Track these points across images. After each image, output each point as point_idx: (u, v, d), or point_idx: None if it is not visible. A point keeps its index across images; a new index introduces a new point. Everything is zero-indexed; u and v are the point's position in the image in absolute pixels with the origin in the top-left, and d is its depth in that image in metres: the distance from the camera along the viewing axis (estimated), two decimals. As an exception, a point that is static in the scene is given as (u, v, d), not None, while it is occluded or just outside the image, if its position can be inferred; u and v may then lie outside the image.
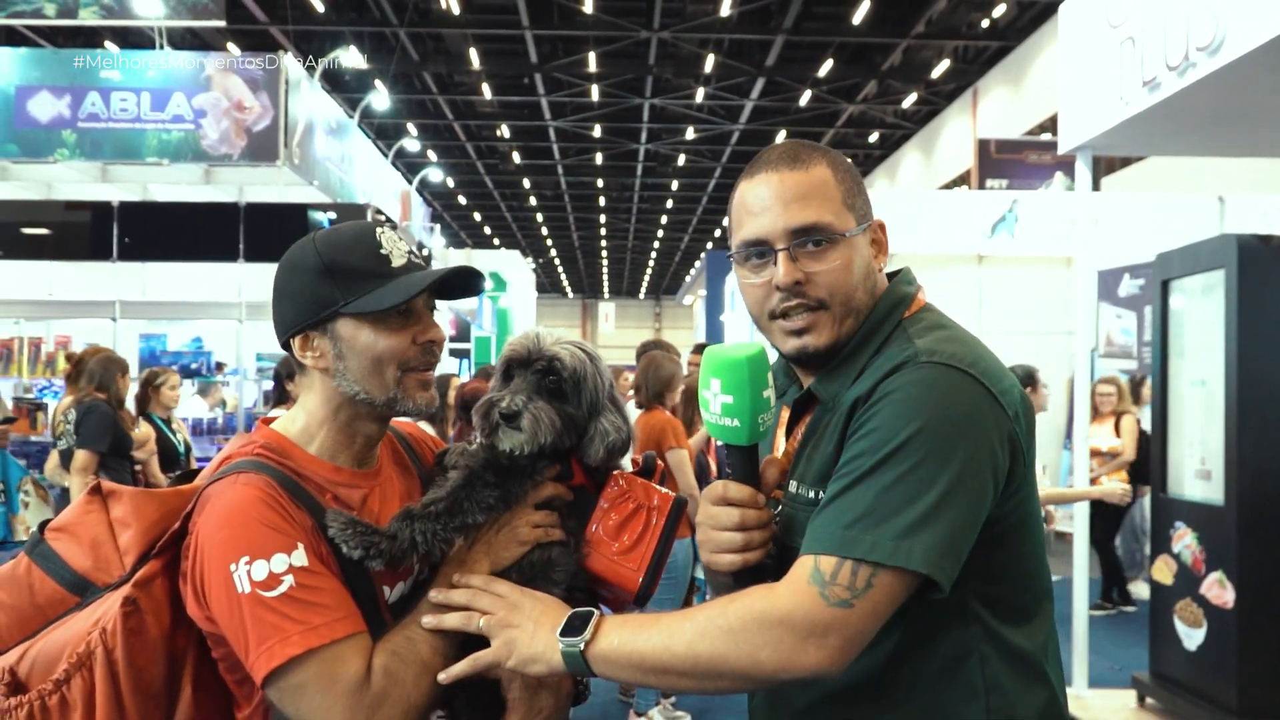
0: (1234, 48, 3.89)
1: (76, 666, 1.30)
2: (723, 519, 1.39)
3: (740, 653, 1.26)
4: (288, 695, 1.30)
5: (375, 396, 1.47)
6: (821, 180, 1.44)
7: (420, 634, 1.39)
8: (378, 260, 1.46)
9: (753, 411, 1.37)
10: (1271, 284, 4.48)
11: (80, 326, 9.81)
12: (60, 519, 1.48)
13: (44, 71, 11.59)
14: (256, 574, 1.30)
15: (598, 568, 1.55)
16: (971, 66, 21.22)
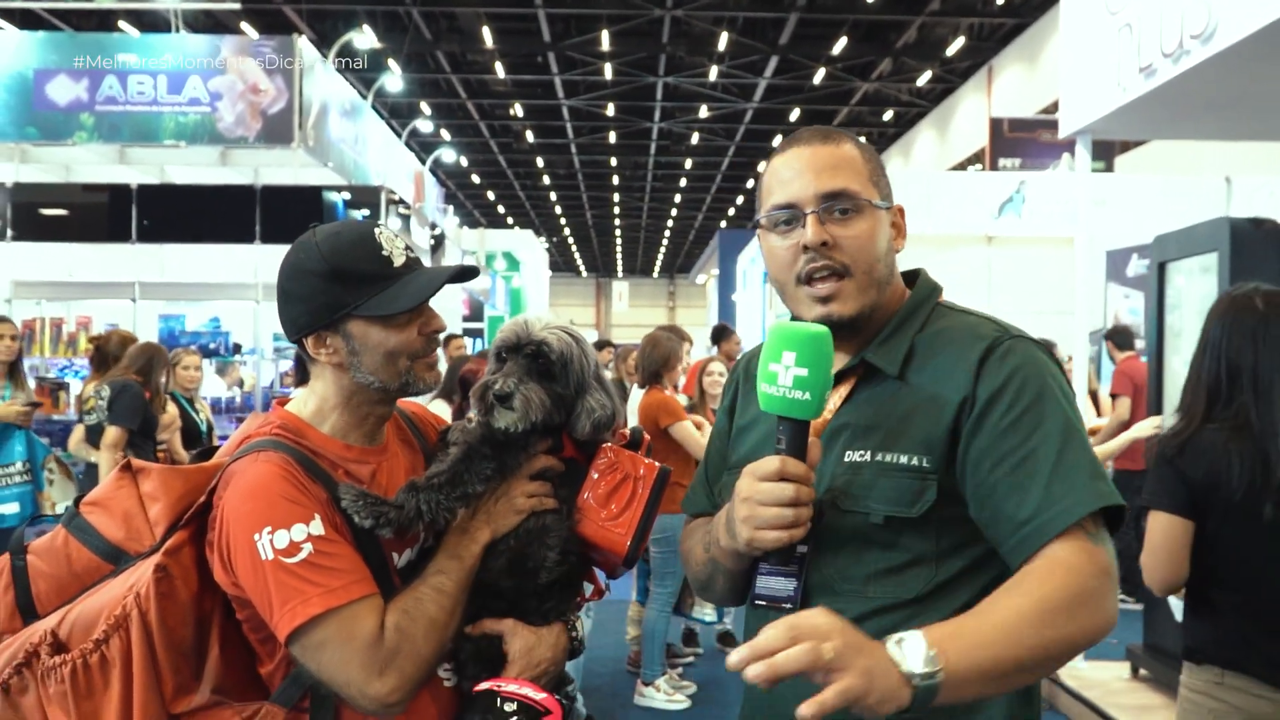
0: (1226, 36, 3.97)
1: (114, 628, 1.42)
2: (776, 494, 1.37)
3: (1079, 627, 1.29)
4: (309, 651, 1.43)
5: (389, 384, 1.60)
6: (850, 155, 1.53)
7: (428, 594, 1.51)
8: (382, 262, 1.57)
9: (825, 386, 1.39)
10: (1264, 266, 4.57)
11: (101, 307, 9.97)
12: (94, 494, 1.61)
13: (62, 55, 11.70)
14: (278, 542, 1.42)
15: (588, 533, 1.67)
16: (986, 44, 21.12)
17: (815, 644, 1.14)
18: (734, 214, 41.31)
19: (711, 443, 1.80)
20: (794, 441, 1.40)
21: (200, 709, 1.47)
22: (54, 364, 9.84)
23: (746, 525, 1.40)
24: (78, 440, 5.95)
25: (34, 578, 1.55)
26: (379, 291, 1.55)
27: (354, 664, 1.42)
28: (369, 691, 1.43)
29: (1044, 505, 1.35)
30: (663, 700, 5.30)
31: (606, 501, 1.68)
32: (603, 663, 5.99)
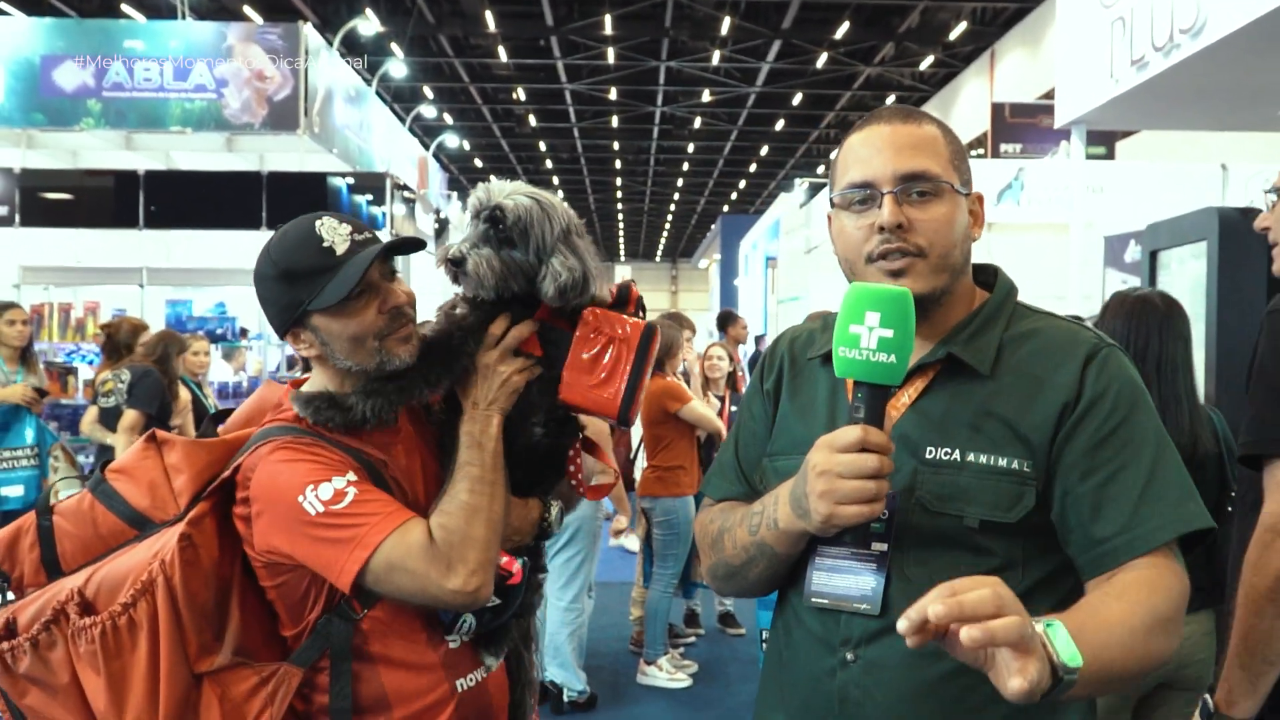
0: (1214, 30, 4.06)
1: (141, 592, 1.51)
2: (859, 466, 1.28)
3: (1170, 644, 1.29)
4: (383, 579, 1.52)
5: (366, 365, 1.64)
6: (932, 136, 1.47)
7: (460, 485, 1.60)
8: (322, 254, 1.59)
9: (909, 350, 1.31)
10: (1251, 255, 4.66)
11: (108, 293, 10.07)
12: (120, 462, 1.71)
13: (68, 41, 11.80)
14: (323, 494, 1.52)
15: (576, 399, 1.70)
16: (989, 28, 21.11)
17: (1023, 621, 1.08)
18: (736, 198, 41.31)
19: (744, 426, 1.69)
20: (874, 409, 1.32)
21: (222, 669, 1.56)
22: (61, 348, 9.95)
23: (825, 500, 1.31)
24: (90, 421, 6.07)
25: (59, 537, 1.65)
26: (325, 284, 1.59)
27: (421, 573, 1.51)
28: (448, 589, 1.52)
29: (1131, 524, 1.33)
30: (664, 679, 5.41)
31: (592, 367, 1.68)
32: (606, 643, 6.11)
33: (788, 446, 1.53)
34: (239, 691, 1.55)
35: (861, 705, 1.39)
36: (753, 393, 1.70)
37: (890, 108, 1.51)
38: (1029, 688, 1.07)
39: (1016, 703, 1.10)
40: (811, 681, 1.45)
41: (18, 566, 1.65)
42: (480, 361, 1.67)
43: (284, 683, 1.57)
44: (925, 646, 1.29)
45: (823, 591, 1.44)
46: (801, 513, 1.37)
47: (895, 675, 1.38)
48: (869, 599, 1.40)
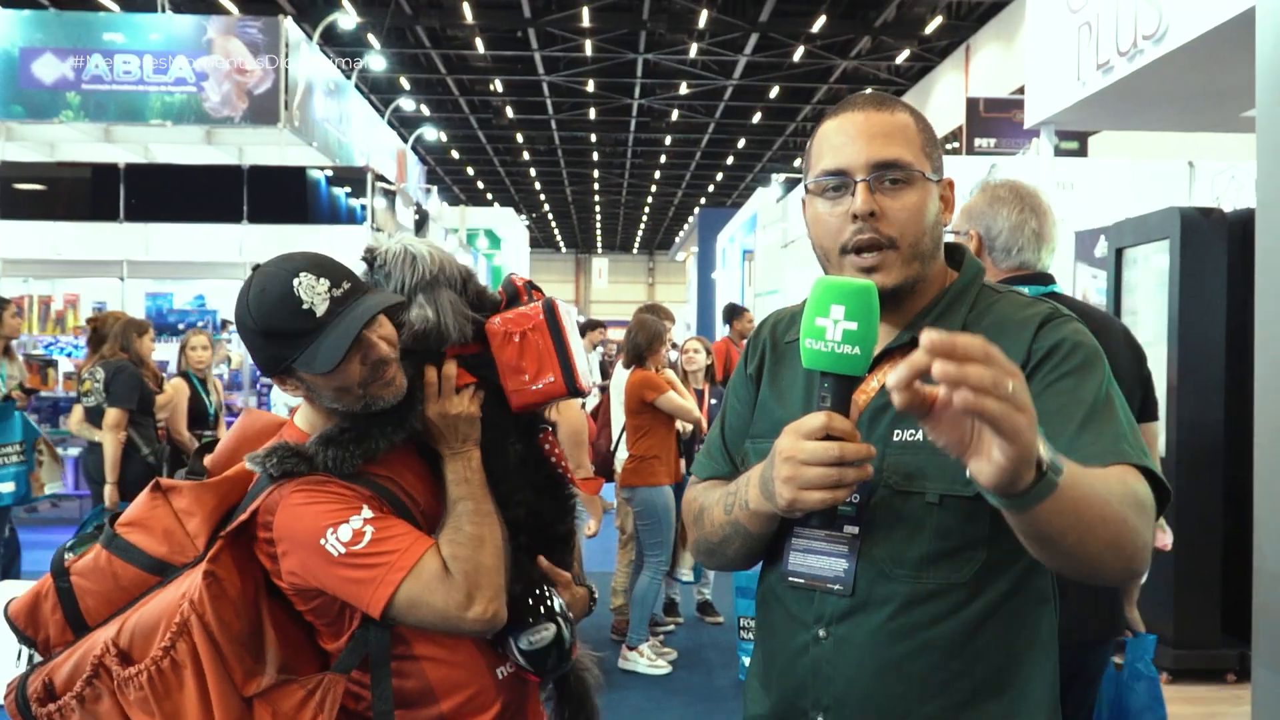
0: (1176, 36, 4.22)
1: (178, 633, 1.59)
2: (822, 453, 1.29)
3: (1134, 526, 1.26)
4: (408, 615, 1.61)
5: (352, 408, 1.70)
6: (904, 124, 1.49)
7: (462, 519, 1.68)
8: (302, 316, 1.60)
9: (872, 341, 1.33)
10: (1211, 253, 4.84)
11: (88, 285, 10.08)
12: (129, 514, 1.76)
13: (48, 34, 11.77)
14: (343, 536, 1.59)
15: (527, 399, 1.81)
16: (964, 23, 21.25)
17: (1005, 372, 1.06)
18: (713, 191, 41.39)
19: (731, 407, 1.74)
20: (839, 398, 1.33)
21: (269, 689, 1.63)
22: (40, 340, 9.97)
23: (789, 485, 1.32)
24: (78, 420, 6.14)
25: (80, 595, 1.70)
26: (305, 346, 1.61)
27: (441, 606, 1.59)
28: (468, 618, 1.60)
29: (1084, 444, 1.34)
30: (645, 665, 5.51)
31: (521, 366, 1.80)
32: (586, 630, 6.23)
33: (767, 429, 1.56)
34: (289, 706, 1.63)
35: (832, 680, 1.46)
36: (738, 376, 1.75)
37: (864, 95, 1.55)
38: (1009, 465, 1.08)
39: (994, 489, 1.12)
40: (788, 656, 1.52)
41: (42, 630, 1.71)
42: (432, 414, 1.75)
43: (330, 691, 1.65)
44: (893, 625, 1.42)
45: (799, 571, 1.51)
46: (769, 495, 1.40)
47: (864, 652, 1.44)
48: (841, 580, 1.46)
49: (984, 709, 1.43)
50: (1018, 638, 1.46)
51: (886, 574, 1.44)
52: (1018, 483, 1.11)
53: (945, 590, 1.42)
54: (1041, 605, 1.50)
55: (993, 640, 1.43)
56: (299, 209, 10.55)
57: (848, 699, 1.45)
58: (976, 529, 1.42)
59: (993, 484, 1.11)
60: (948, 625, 1.42)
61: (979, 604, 1.43)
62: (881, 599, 1.44)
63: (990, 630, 1.43)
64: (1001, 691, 1.44)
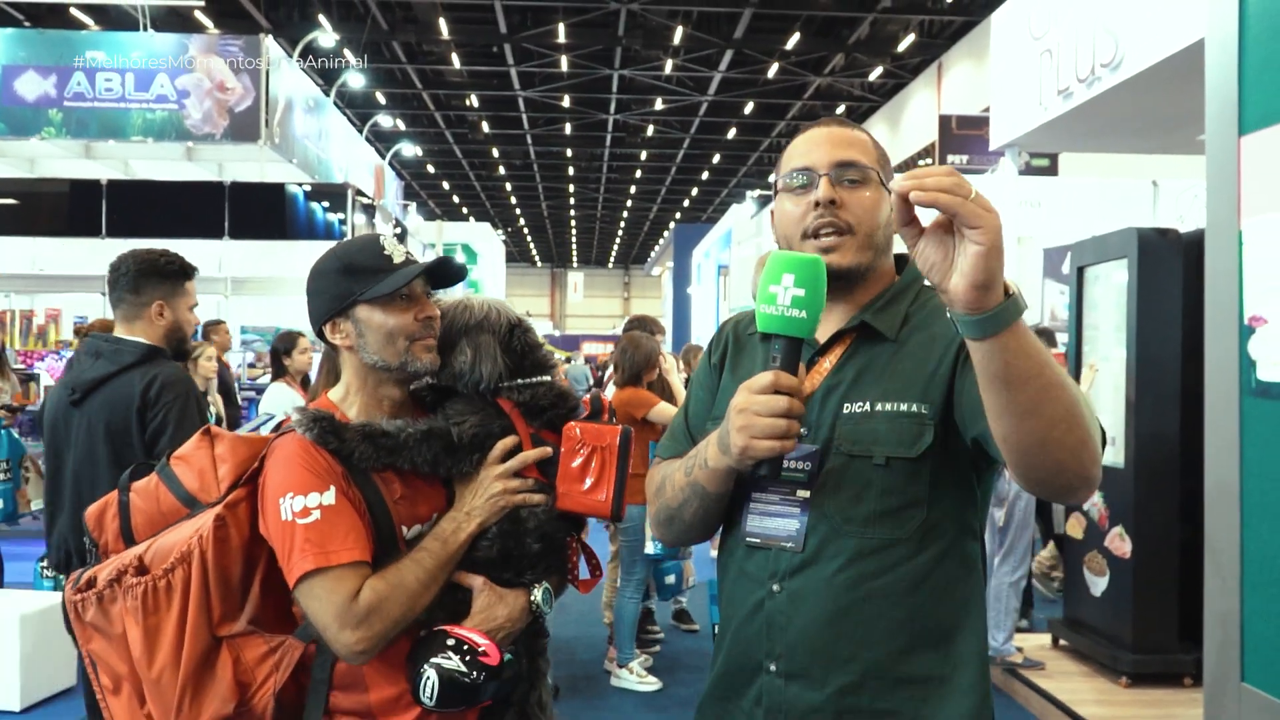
0: (1131, 65, 4.41)
1: (179, 561, 1.75)
2: (771, 405, 1.45)
3: (1091, 423, 1.36)
4: (303, 597, 1.73)
5: (390, 362, 1.86)
6: (864, 139, 1.70)
7: (409, 566, 1.78)
8: (383, 259, 1.87)
9: (819, 307, 1.47)
10: (1167, 272, 5.03)
11: (70, 300, 10.12)
12: (181, 450, 1.94)
13: (30, 51, 11.85)
14: (295, 506, 1.73)
15: (571, 506, 1.92)
16: (937, 41, 21.55)
17: (967, 184, 1.21)
18: (688, 205, 41.63)
19: (694, 394, 1.90)
20: (788, 358, 1.48)
21: (239, 634, 1.78)
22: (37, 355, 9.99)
23: (742, 434, 1.47)
24: None
25: (133, 511, 1.90)
26: (379, 280, 1.84)
27: (330, 614, 1.69)
28: (340, 639, 1.70)
29: None
30: (634, 682, 5.62)
31: (581, 476, 1.91)
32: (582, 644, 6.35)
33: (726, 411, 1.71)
34: (251, 656, 1.78)
35: (785, 630, 1.61)
36: (702, 367, 1.92)
37: (828, 117, 1.76)
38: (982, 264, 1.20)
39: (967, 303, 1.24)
40: (745, 613, 1.67)
41: (103, 534, 1.91)
42: (483, 471, 1.89)
43: (288, 653, 1.79)
44: (841, 577, 1.58)
45: (755, 531, 1.66)
46: (724, 448, 1.55)
47: (814, 603, 1.59)
48: (793, 538, 1.62)
49: (923, 657, 1.59)
50: (952, 595, 1.61)
51: (838, 530, 1.60)
52: (988, 297, 1.23)
53: (889, 545, 1.58)
54: (972, 570, 1.65)
55: (930, 595, 1.59)
56: (279, 224, 10.66)
57: (799, 647, 1.60)
58: (918, 489, 1.58)
59: (966, 293, 1.23)
60: (891, 577, 1.57)
61: (919, 560, 1.58)
62: (832, 554, 1.59)
63: (928, 586, 1.59)
64: (938, 643, 1.60)
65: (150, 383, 3.11)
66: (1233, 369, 3.15)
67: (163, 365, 3.19)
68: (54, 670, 5.18)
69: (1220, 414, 3.24)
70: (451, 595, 1.85)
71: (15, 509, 6.02)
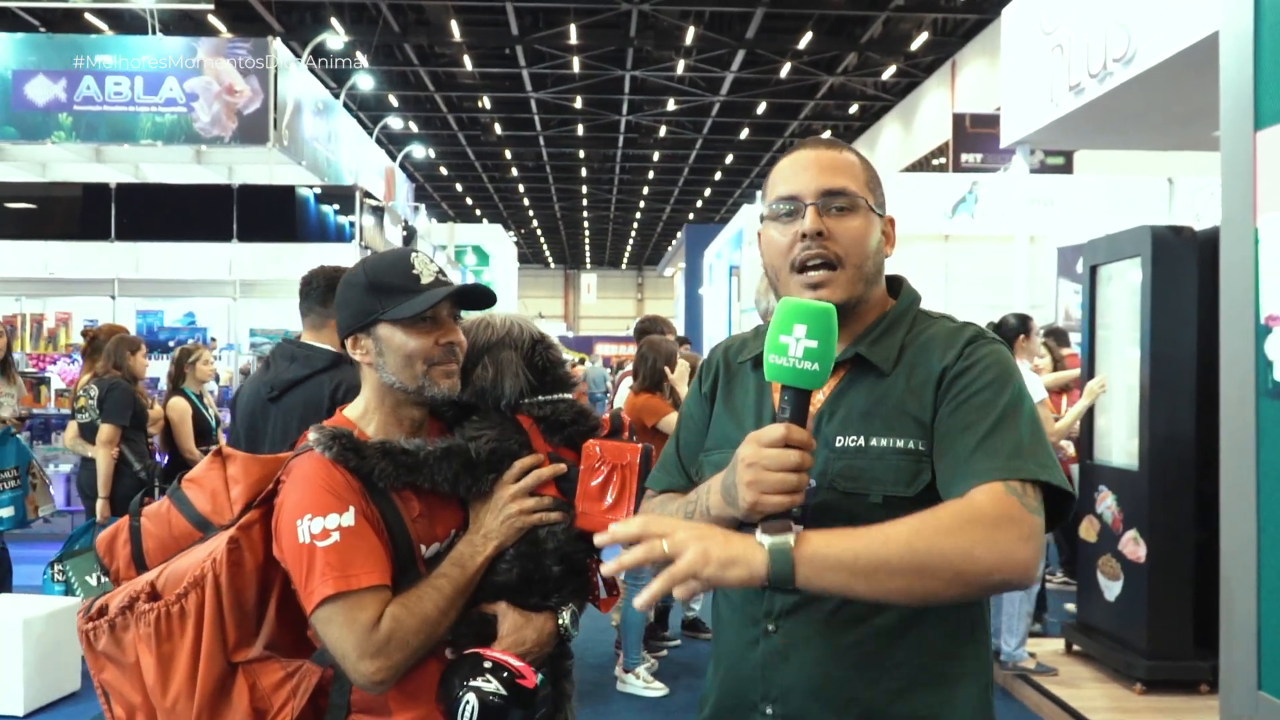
0: (1144, 59, 4.33)
1: (193, 585, 1.71)
2: (782, 460, 1.40)
3: (959, 549, 1.34)
4: (321, 624, 1.68)
5: (407, 385, 1.82)
6: (851, 162, 1.64)
7: (428, 593, 1.73)
8: (410, 278, 1.82)
9: (830, 358, 1.44)
10: (1182, 271, 4.94)
11: (80, 304, 10.13)
12: (192, 473, 1.90)
13: (40, 56, 11.90)
14: (314, 528, 1.68)
15: (589, 525, 1.86)
16: (950, 39, 21.46)
17: (653, 543, 1.34)
18: (701, 206, 41.58)
19: (685, 424, 1.85)
20: (798, 410, 1.44)
21: (254, 660, 1.75)
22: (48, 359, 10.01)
23: (752, 490, 1.42)
24: (72, 436, 6.20)
25: (145, 537, 1.86)
26: (403, 301, 1.80)
27: (349, 643, 1.65)
28: (359, 668, 1.66)
29: (969, 462, 1.47)
30: (640, 687, 5.56)
31: (601, 495, 1.88)
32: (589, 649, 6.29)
33: (720, 442, 1.69)
34: (268, 682, 1.74)
35: (781, 671, 1.56)
36: (693, 394, 1.87)
37: (815, 138, 1.71)
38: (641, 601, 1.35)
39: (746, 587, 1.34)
40: (738, 652, 1.63)
41: (115, 560, 1.88)
42: (498, 491, 1.85)
43: (306, 678, 1.75)
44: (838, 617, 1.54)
45: None
46: (731, 500, 1.49)
47: (811, 642, 1.55)
48: None
49: (923, 695, 1.54)
50: (953, 630, 1.56)
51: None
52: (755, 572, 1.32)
53: None
54: (972, 603, 1.60)
55: (930, 631, 1.54)
56: (288, 227, 10.62)
57: (795, 688, 1.55)
58: None
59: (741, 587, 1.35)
60: (889, 616, 1.52)
61: None
62: None
63: (928, 621, 1.53)
64: (939, 680, 1.55)
65: (338, 387, 3.33)
66: (1249, 369, 3.08)
67: (347, 371, 3.38)
68: (58, 675, 5.16)
69: (1236, 415, 3.18)
70: (480, 617, 1.82)
71: (24, 515, 6.02)
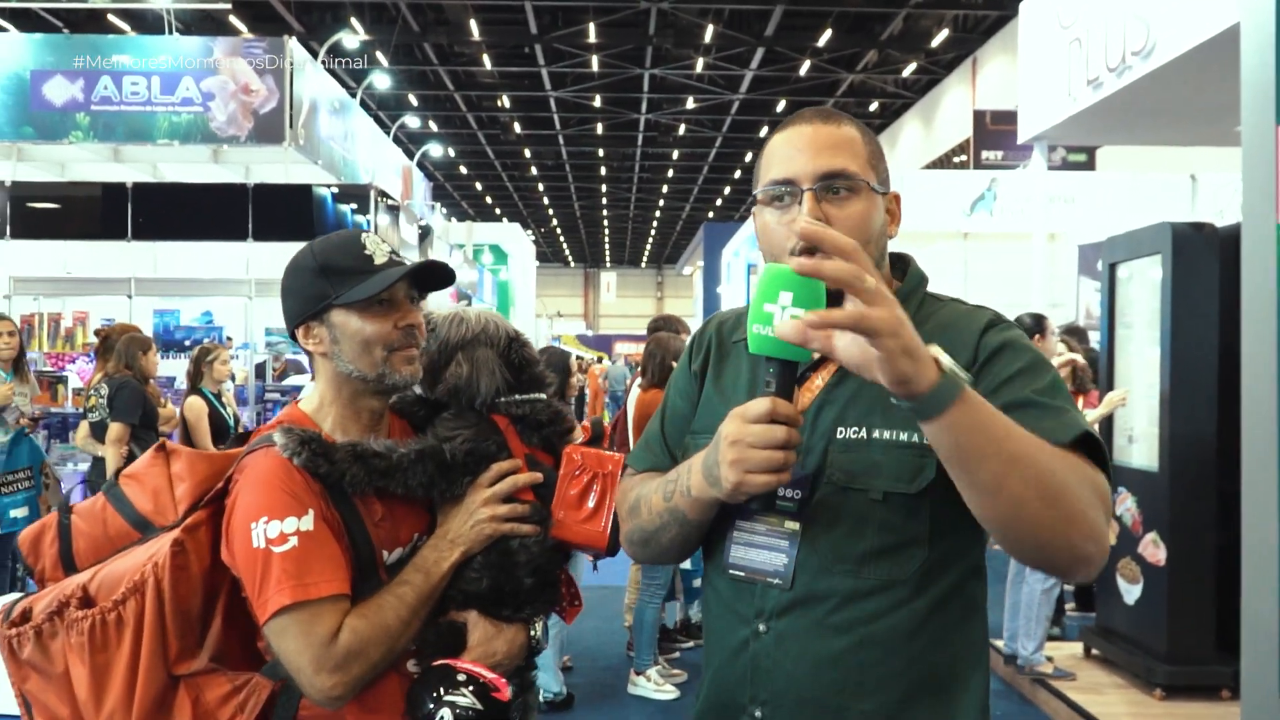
0: (1163, 53, 4.24)
1: (132, 591, 1.58)
2: (768, 436, 1.31)
3: (1081, 500, 1.27)
4: (275, 635, 1.56)
5: (366, 373, 1.71)
6: (851, 137, 1.51)
7: (390, 602, 1.63)
8: (362, 259, 1.70)
9: None
10: (1203, 268, 4.85)
11: (97, 303, 10.18)
12: (132, 468, 1.77)
13: (58, 56, 11.96)
14: (270, 532, 1.56)
15: (566, 535, 1.79)
16: (970, 36, 21.29)
17: (862, 269, 1.15)
18: (721, 204, 41.48)
19: (672, 402, 1.75)
20: (784, 383, 1.35)
21: (198, 673, 1.61)
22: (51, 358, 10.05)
23: (735, 469, 1.34)
24: (84, 436, 6.20)
25: (75, 535, 1.73)
26: (357, 284, 1.68)
27: (306, 656, 1.54)
28: (315, 683, 1.55)
29: (1059, 422, 1.37)
30: (652, 689, 5.49)
31: (579, 503, 1.79)
32: (594, 659, 6.24)
33: (708, 425, 1.54)
34: (213, 697, 1.62)
35: (772, 674, 1.47)
36: (681, 371, 1.76)
37: (811, 110, 1.56)
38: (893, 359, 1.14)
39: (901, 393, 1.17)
40: (728, 651, 1.54)
41: (40, 560, 1.74)
42: (470, 494, 1.75)
43: (255, 693, 1.62)
44: (833, 620, 1.43)
45: (739, 564, 1.51)
46: (713, 480, 1.41)
47: (803, 647, 1.45)
48: (780, 574, 1.47)
49: (920, 708, 1.45)
50: (954, 642, 1.48)
51: (828, 569, 1.45)
52: (915, 385, 1.16)
53: (887, 586, 1.44)
54: (975, 613, 1.52)
55: (930, 642, 1.45)
56: (305, 226, 10.62)
57: (786, 694, 1.47)
58: (918, 525, 1.44)
59: (892, 387, 1.17)
60: (888, 621, 1.44)
61: (919, 603, 1.44)
62: (823, 593, 1.45)
63: (928, 631, 1.45)
64: (937, 693, 1.46)
65: None
66: (1271, 368, 3.00)
67: None
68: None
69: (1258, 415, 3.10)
70: (449, 625, 1.73)
71: (38, 515, 6.03)
